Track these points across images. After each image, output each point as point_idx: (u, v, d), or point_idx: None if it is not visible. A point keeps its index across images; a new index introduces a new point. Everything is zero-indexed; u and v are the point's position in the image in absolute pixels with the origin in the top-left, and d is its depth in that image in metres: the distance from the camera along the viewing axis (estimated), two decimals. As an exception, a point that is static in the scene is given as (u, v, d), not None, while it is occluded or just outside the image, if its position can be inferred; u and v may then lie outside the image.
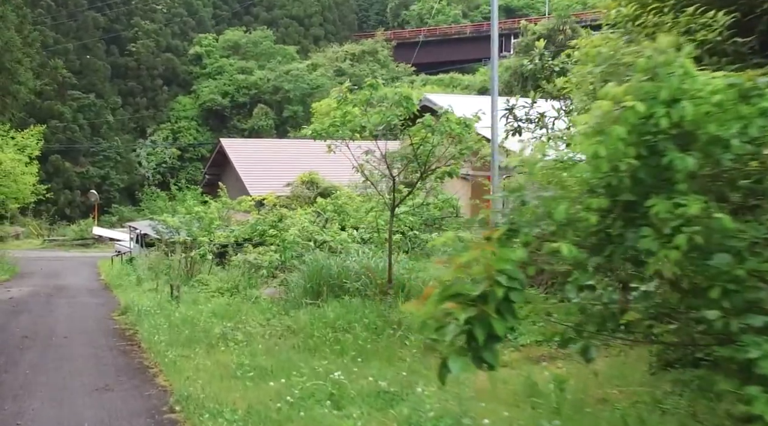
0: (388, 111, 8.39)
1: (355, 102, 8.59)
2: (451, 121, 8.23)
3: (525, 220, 2.96)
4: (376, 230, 11.76)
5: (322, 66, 71.19)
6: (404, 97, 8.43)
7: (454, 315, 2.70)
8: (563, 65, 13.23)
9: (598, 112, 2.62)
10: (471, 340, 2.71)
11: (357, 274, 9.72)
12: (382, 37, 79.53)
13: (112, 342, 9.85)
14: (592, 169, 2.67)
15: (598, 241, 2.86)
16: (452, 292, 2.79)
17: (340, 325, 8.45)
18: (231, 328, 8.68)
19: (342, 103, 8.65)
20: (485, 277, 2.72)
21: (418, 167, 9.12)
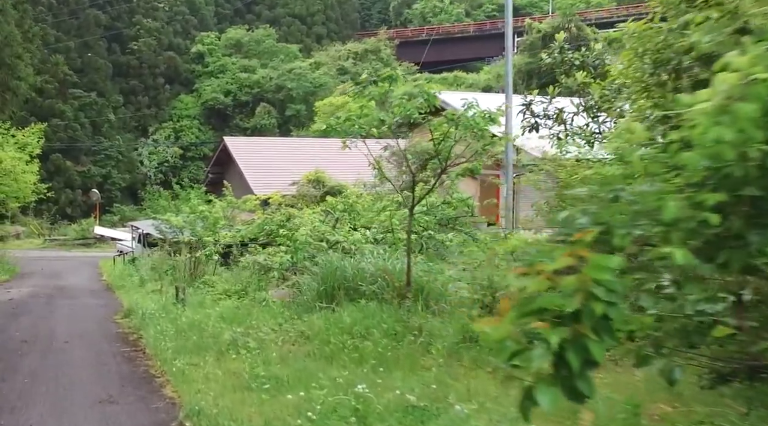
0: (409, 104, 7.90)
1: (373, 95, 8.09)
2: (477, 115, 7.74)
3: (619, 219, 2.46)
4: (390, 230, 11.29)
5: (325, 64, 70.80)
6: (425, 90, 7.94)
7: (544, 336, 2.21)
8: (583, 59, 12.75)
9: (724, 87, 2.12)
10: (561, 367, 2.22)
11: (373, 277, 9.24)
12: (385, 36, 79.17)
13: (115, 347, 9.37)
14: (710, 158, 2.18)
15: (713, 245, 2.37)
16: (536, 307, 2.30)
17: (358, 331, 7.96)
18: (241, 333, 8.19)
19: (359, 95, 8.16)
20: (578, 290, 2.23)
21: (439, 163, 8.63)
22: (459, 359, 7.49)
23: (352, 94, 8.29)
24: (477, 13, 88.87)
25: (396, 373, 6.87)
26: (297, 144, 38.98)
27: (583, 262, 2.26)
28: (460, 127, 7.93)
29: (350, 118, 8.40)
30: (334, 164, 26.57)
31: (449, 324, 8.32)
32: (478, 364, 7.46)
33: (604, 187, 2.53)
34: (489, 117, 7.85)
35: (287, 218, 14.03)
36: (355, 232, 11.35)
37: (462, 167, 8.64)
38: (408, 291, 8.78)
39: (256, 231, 14.82)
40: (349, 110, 8.43)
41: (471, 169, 8.64)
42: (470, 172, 8.70)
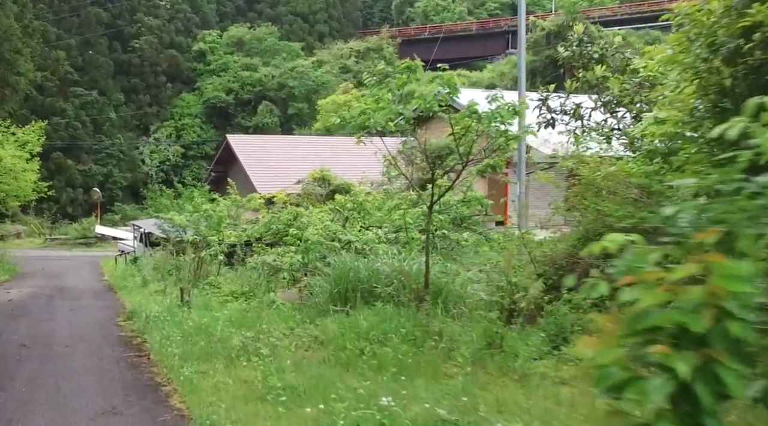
0: (430, 95, 7.46)
1: (390, 87, 7.65)
2: (501, 108, 7.30)
3: (741, 217, 2.01)
4: (404, 229, 10.85)
5: (327, 63, 70.37)
6: (446, 81, 7.50)
7: (665, 363, 1.77)
8: (603, 52, 12.30)
9: None
10: (684, 401, 1.78)
11: (388, 278, 8.80)
12: (387, 34, 78.78)
13: (118, 352, 8.94)
14: None
15: None
16: (649, 325, 1.86)
17: (375, 336, 7.53)
18: (251, 338, 7.76)
19: (376, 87, 7.72)
20: (706, 304, 1.78)
21: (459, 159, 8.19)
22: (483, 366, 7.06)
23: (368, 84, 7.83)
24: (479, 12, 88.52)
25: (418, 382, 6.44)
26: (300, 142, 38.58)
27: (710, 270, 1.82)
28: (484, 120, 7.49)
29: (365, 112, 7.96)
30: (339, 162, 26.18)
31: (471, 328, 7.89)
32: (503, 371, 7.04)
33: (724, 176, 2.08)
34: (513, 110, 7.41)
35: (294, 217, 13.60)
36: (367, 232, 10.90)
37: (483, 163, 8.20)
38: (426, 293, 8.35)
39: (262, 230, 14.38)
40: (364, 103, 7.99)
41: (492, 165, 8.20)
42: (492, 168, 8.26)
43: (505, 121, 7.50)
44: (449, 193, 11.97)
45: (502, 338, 7.61)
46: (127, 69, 63.78)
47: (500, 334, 7.65)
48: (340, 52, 74.82)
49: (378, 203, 13.02)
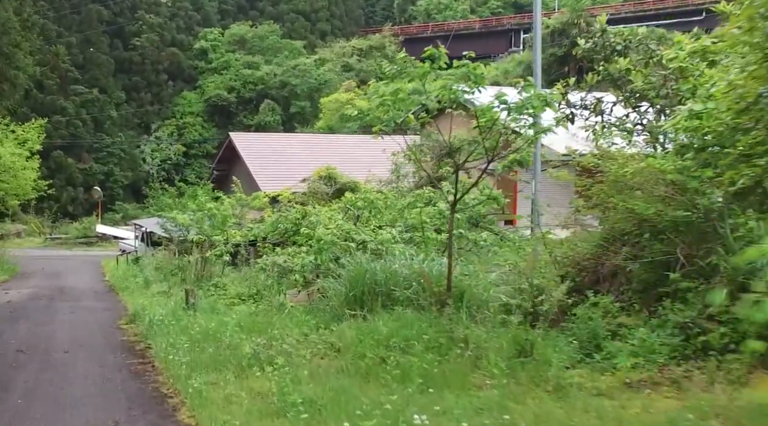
0: (455, 85, 6.95)
1: (412, 76, 7.13)
2: (532, 97, 6.79)
3: None
4: (420, 228, 10.33)
5: (330, 61, 69.91)
6: (472, 70, 6.99)
7: None
8: (626, 43, 11.78)
9: None
10: None
11: (407, 280, 8.29)
12: (390, 33, 78.40)
13: (120, 359, 8.43)
14: None
15: None
16: None
17: (396, 344, 7.02)
18: (263, 345, 7.25)
19: (397, 76, 7.21)
20: None
21: (485, 153, 7.67)
22: (514, 376, 6.55)
23: (388, 74, 7.32)
24: (482, 10, 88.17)
25: (446, 394, 5.94)
26: (304, 140, 38.13)
27: None
28: (513, 110, 6.98)
29: (384, 103, 7.44)
30: (343, 161, 25.69)
31: (497, 335, 7.38)
32: (536, 381, 6.53)
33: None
34: (545, 100, 6.90)
35: (302, 216, 13.10)
36: (381, 231, 10.40)
37: (509, 159, 7.69)
38: (448, 297, 7.84)
39: (269, 230, 13.87)
40: (382, 95, 7.48)
41: (519, 160, 7.69)
42: (519, 164, 7.75)
43: (536, 112, 6.99)
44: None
45: (532, 346, 7.11)
46: (128, 67, 63.34)
47: (530, 340, 7.15)
48: (342, 50, 74.42)
49: (391, 201, 12.51)
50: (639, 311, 8.41)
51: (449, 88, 6.92)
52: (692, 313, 7.36)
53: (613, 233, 9.55)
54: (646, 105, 11.75)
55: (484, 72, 7.03)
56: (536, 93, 6.87)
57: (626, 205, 9.04)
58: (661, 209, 8.64)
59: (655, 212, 8.72)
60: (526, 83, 6.95)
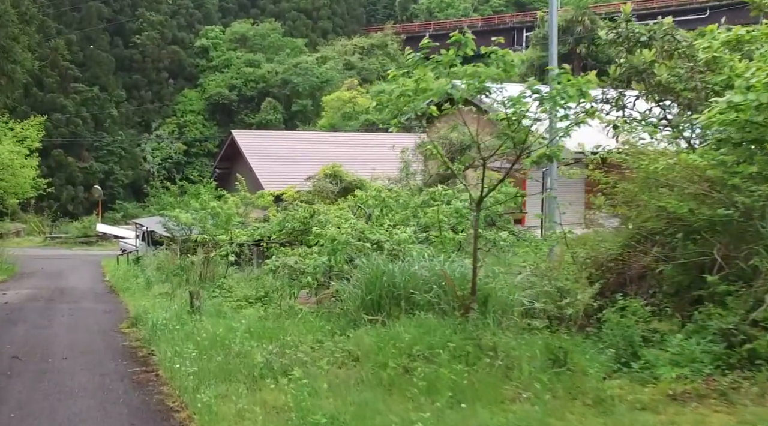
0: (485, 72, 6.43)
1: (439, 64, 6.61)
2: (567, 86, 6.27)
3: None
4: (438, 227, 9.83)
5: (332, 59, 69.41)
6: (501, 57, 6.48)
7: None
8: (651, 34, 11.24)
9: None
10: None
11: (426, 283, 7.78)
12: (391, 31, 77.97)
13: (122, 367, 7.92)
14: None
15: None
16: None
17: (419, 352, 6.51)
18: (276, 353, 6.74)
19: (420, 65, 6.69)
20: None
21: (514, 148, 7.16)
22: (549, 387, 6.05)
23: (412, 62, 6.80)
24: (484, 8, 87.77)
25: (479, 409, 5.44)
26: (307, 138, 37.64)
27: None
28: (546, 101, 6.47)
29: (405, 94, 6.93)
30: (348, 158, 25.18)
31: (527, 342, 6.88)
32: (572, 394, 6.03)
33: None
34: (580, 89, 6.38)
35: (311, 215, 12.59)
36: (395, 230, 9.88)
37: (538, 153, 7.17)
38: (473, 301, 7.33)
39: (275, 229, 13.36)
40: (404, 84, 6.96)
41: (548, 155, 7.18)
42: (548, 159, 7.24)
43: (571, 102, 6.48)
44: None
45: (565, 354, 6.61)
46: (128, 65, 62.83)
47: (563, 349, 6.64)
48: (343, 48, 73.98)
49: (404, 199, 11.98)
50: (672, 316, 7.92)
51: (477, 76, 6.40)
52: (734, 319, 6.86)
53: (641, 233, 9.05)
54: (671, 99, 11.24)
55: (514, 59, 6.52)
56: (572, 81, 6.35)
57: (658, 203, 8.54)
58: (696, 208, 8.15)
59: (688, 211, 8.22)
60: (561, 70, 6.44)
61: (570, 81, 6.32)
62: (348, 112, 55.45)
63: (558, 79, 6.34)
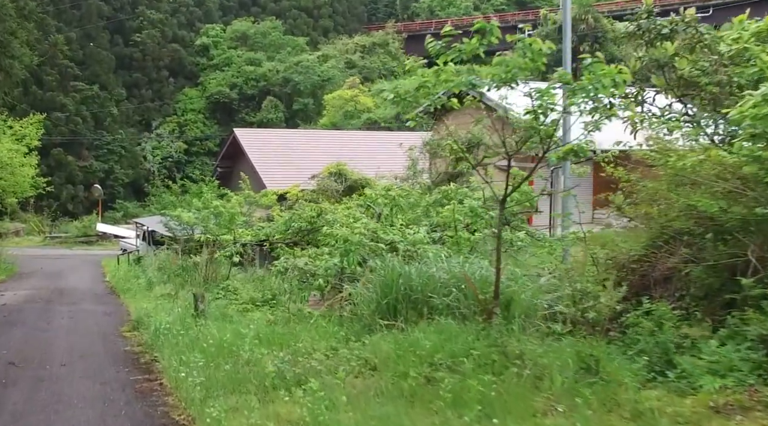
0: (513, 62, 6.02)
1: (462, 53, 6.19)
2: (601, 75, 5.85)
3: None
4: (453, 227, 9.42)
5: (333, 57, 68.95)
6: (528, 46, 6.06)
7: None
8: (674, 26, 10.81)
9: None
10: None
11: (445, 286, 7.36)
12: (393, 29, 77.52)
13: (123, 374, 7.50)
14: None
15: None
16: None
17: (441, 360, 6.10)
18: (288, 361, 6.32)
19: (441, 54, 6.27)
20: None
21: (540, 142, 6.75)
22: (582, 398, 5.63)
23: (433, 50, 6.39)
24: (486, 7, 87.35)
25: (511, 424, 5.03)
26: (310, 136, 37.24)
27: None
28: (578, 91, 6.05)
29: (424, 85, 6.51)
30: (351, 157, 24.80)
31: (554, 349, 6.46)
32: (607, 406, 5.61)
33: None
34: (614, 80, 5.97)
35: (318, 214, 12.18)
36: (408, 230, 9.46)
37: (565, 148, 6.76)
38: (496, 305, 6.92)
39: (281, 229, 12.94)
40: (422, 76, 6.55)
41: (576, 150, 6.76)
42: (574, 154, 6.82)
43: (604, 93, 6.07)
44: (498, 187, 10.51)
45: (597, 362, 6.19)
46: (128, 63, 62.38)
47: (595, 356, 6.23)
48: (345, 47, 73.53)
49: (415, 198, 11.57)
50: (701, 320, 7.51)
51: (505, 66, 5.98)
52: (774, 324, 6.46)
53: (666, 232, 8.63)
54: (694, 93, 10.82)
55: (542, 48, 6.10)
56: (606, 71, 5.93)
57: (687, 201, 8.13)
58: (728, 206, 7.74)
59: (719, 209, 7.81)
60: (594, 59, 6.01)
61: (603, 71, 5.90)
62: (350, 111, 55.07)
63: (591, 68, 5.91)
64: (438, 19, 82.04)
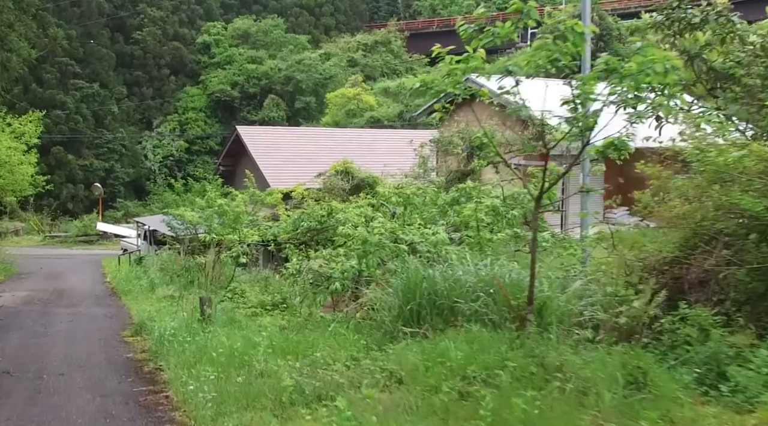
0: (557, 47, 5.48)
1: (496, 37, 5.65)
2: (652, 61, 5.31)
3: None
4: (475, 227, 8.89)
5: (335, 56, 68.37)
6: (570, 28, 5.52)
7: None
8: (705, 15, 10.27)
9: None
10: None
11: (472, 291, 6.83)
12: (395, 28, 76.93)
13: (126, 385, 6.97)
14: None
15: None
16: None
17: (474, 373, 5.56)
18: (306, 373, 5.79)
19: (475, 36, 5.74)
20: None
21: (580, 134, 6.22)
22: (632, 416, 5.10)
23: (465, 34, 5.86)
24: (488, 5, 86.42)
25: (560, 448, 4.50)
26: (314, 134, 36.70)
27: None
28: (626, 78, 5.52)
29: (454, 72, 5.98)
30: (356, 155, 24.24)
31: (597, 360, 5.93)
32: (661, 425, 5.08)
33: None
34: (665, 69, 5.42)
35: (329, 213, 11.65)
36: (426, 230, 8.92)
37: (605, 141, 6.23)
38: (529, 312, 6.39)
39: (290, 228, 12.40)
40: (450, 62, 6.03)
41: (616, 144, 6.23)
42: (615, 148, 6.29)
43: (656, 80, 5.54)
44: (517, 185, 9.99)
45: (645, 375, 5.66)
46: (129, 61, 61.80)
47: (642, 368, 5.70)
48: (347, 45, 72.93)
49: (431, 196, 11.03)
50: (744, 327, 6.99)
51: (547, 50, 5.44)
52: (830, 333, 5.95)
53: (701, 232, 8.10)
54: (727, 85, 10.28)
55: (585, 30, 5.57)
56: (658, 55, 5.39)
57: (730, 199, 7.60)
58: (767, 205, 7.24)
59: (764, 208, 7.29)
60: (644, 43, 5.48)
61: (653, 56, 5.36)
62: (352, 109, 54.53)
63: (641, 51, 5.36)
64: (440, 18, 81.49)
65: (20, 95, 48.74)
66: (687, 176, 8.83)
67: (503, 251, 9.16)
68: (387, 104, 57.84)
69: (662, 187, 9.13)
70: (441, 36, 75.14)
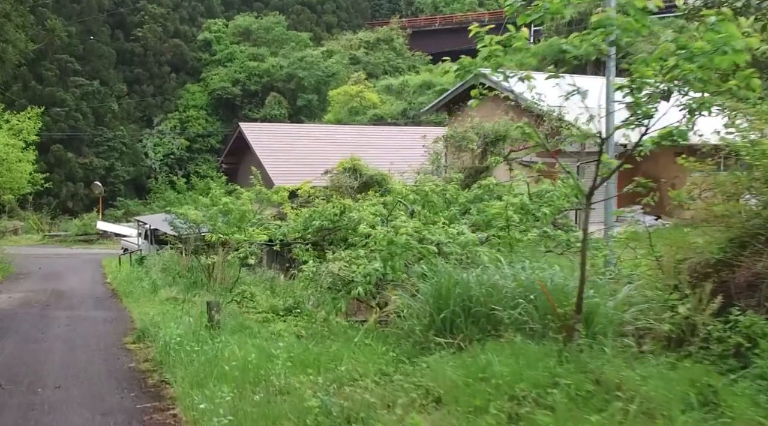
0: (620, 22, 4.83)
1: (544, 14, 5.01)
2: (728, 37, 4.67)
3: None
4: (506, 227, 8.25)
5: (337, 53, 67.74)
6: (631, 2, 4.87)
7: None
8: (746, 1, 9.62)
9: None
10: None
11: (511, 297, 6.18)
12: (397, 25, 76.31)
13: (129, 401, 6.32)
14: None
15: None
16: None
17: (524, 392, 4.92)
18: (333, 392, 5.14)
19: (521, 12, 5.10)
20: None
21: (638, 124, 5.58)
22: (707, 443, 4.47)
23: (510, 10, 5.23)
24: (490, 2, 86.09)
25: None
26: (318, 131, 36.02)
27: None
28: (697, 58, 4.87)
29: (494, 55, 5.34)
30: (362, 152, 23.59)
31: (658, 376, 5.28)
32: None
33: None
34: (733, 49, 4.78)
35: (342, 211, 11.01)
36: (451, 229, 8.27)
37: (664, 130, 5.58)
38: (578, 321, 5.74)
39: (300, 228, 11.76)
40: (490, 43, 5.39)
41: (674, 133, 5.60)
42: (671, 139, 5.66)
43: (735, 59, 4.90)
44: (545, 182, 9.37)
45: (716, 393, 5.02)
46: (129, 58, 61.17)
47: (713, 386, 5.06)
48: (349, 42, 72.32)
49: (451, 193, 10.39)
50: (800, 336, 6.36)
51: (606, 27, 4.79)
52: None
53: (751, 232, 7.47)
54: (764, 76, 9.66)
55: (648, 4, 4.93)
56: (734, 32, 4.76)
57: (787, 197, 6.97)
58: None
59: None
60: (719, 17, 4.84)
61: (730, 33, 4.71)
62: (355, 107, 53.88)
63: (716, 26, 4.72)
64: (442, 15, 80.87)
65: (19, 92, 48.11)
66: (728, 172, 8.24)
67: (533, 252, 8.51)
68: (390, 102, 57.22)
69: (700, 184, 8.52)
70: (443, 34, 74.60)
